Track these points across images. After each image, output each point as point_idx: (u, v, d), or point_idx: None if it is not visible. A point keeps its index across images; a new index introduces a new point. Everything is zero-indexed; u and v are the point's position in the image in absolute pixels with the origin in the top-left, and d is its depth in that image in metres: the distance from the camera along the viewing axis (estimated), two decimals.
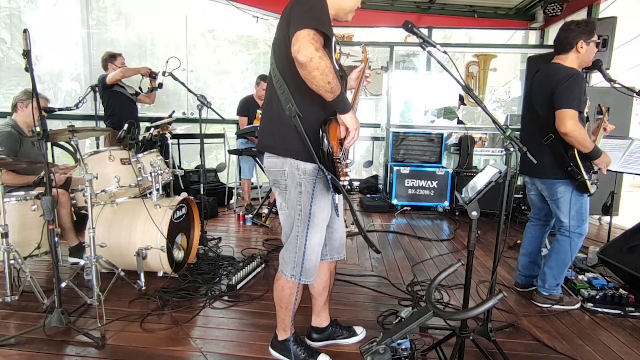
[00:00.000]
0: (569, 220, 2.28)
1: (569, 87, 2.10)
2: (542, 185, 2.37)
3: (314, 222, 1.56)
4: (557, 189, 2.28)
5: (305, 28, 1.31)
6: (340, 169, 1.47)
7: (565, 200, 2.27)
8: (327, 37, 1.38)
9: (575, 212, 2.27)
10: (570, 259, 2.33)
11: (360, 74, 1.79)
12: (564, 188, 2.26)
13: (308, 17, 1.33)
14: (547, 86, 2.19)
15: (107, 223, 2.58)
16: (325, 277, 1.83)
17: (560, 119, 2.10)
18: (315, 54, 1.29)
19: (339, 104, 1.41)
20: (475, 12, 6.32)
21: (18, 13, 4.48)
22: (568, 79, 2.12)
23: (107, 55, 3.83)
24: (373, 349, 1.36)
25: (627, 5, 4.80)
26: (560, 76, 2.14)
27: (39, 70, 4.39)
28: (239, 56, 6.48)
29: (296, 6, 1.39)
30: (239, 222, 4.25)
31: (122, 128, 2.80)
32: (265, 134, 1.62)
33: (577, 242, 2.30)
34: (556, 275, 2.35)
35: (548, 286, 2.37)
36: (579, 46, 2.19)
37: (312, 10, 1.36)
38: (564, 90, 2.11)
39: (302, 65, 1.31)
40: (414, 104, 6.11)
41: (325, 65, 1.30)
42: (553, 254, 2.35)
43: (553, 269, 2.35)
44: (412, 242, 3.67)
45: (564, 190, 2.26)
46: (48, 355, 1.80)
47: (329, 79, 1.33)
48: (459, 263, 1.55)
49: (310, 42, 1.29)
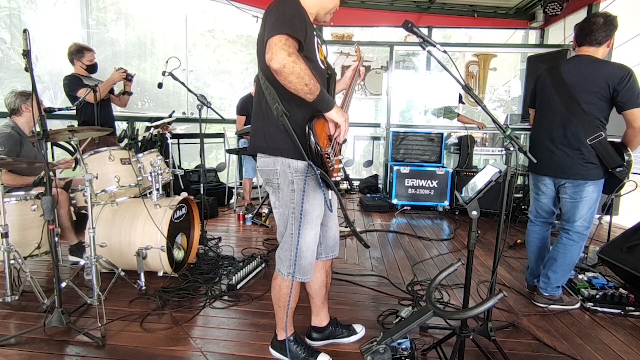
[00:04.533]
0: (582, 221, 2.24)
1: (632, 84, 2.02)
2: (569, 184, 2.24)
3: (307, 219, 1.57)
4: (586, 188, 2.19)
5: (276, 35, 1.33)
6: (330, 164, 1.47)
7: (589, 201, 2.20)
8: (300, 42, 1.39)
9: (590, 214, 2.23)
10: (575, 262, 2.31)
11: (354, 72, 1.85)
12: (593, 189, 2.18)
13: (279, 24, 1.35)
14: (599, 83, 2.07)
15: (107, 223, 2.58)
16: (322, 275, 1.84)
17: (633, 119, 2.04)
18: (287, 59, 1.30)
19: (321, 103, 1.42)
20: (475, 11, 6.32)
21: (18, 13, 4.47)
22: (629, 76, 2.02)
23: (74, 48, 3.39)
24: (373, 348, 1.37)
25: (626, 4, 4.80)
26: (617, 74, 2.04)
27: (38, 70, 4.40)
28: (239, 56, 6.49)
29: (269, 14, 1.42)
30: (239, 221, 4.25)
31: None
32: (256, 135, 1.63)
33: (582, 245, 2.28)
34: (560, 279, 2.32)
35: (551, 289, 2.35)
36: (611, 41, 2.15)
37: (282, 16, 1.37)
38: (626, 89, 2.02)
39: (277, 72, 1.33)
40: (414, 104, 6.11)
41: (299, 68, 1.31)
42: (559, 258, 2.29)
43: (557, 273, 2.30)
44: (412, 242, 3.67)
45: (591, 191, 2.18)
46: (48, 355, 1.80)
47: (306, 81, 1.34)
48: (459, 263, 1.55)
49: (282, 49, 1.30)
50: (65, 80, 3.33)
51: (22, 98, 2.78)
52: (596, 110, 2.11)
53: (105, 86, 3.37)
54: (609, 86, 2.06)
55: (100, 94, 3.20)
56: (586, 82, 2.12)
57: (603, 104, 2.11)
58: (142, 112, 5.20)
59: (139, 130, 4.41)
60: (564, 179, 2.25)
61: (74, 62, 3.42)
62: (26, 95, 2.79)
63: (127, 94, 3.70)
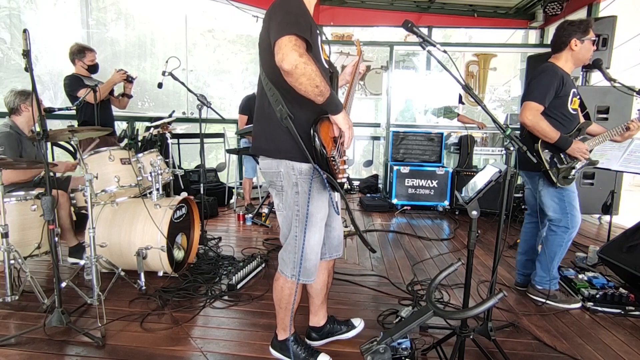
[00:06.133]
0: (553, 212, 2.33)
1: (538, 80, 2.19)
2: (526, 178, 2.46)
3: (312, 221, 1.56)
4: (537, 181, 2.35)
5: (285, 35, 1.29)
6: (335, 167, 1.47)
7: (547, 193, 2.34)
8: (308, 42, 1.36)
9: (559, 206, 2.31)
10: (557, 253, 2.35)
11: (354, 68, 1.81)
12: (543, 181, 2.33)
13: (286, 24, 1.32)
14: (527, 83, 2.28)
15: (107, 223, 2.58)
16: (324, 276, 1.83)
17: (522, 110, 2.20)
18: (299, 60, 1.27)
19: (330, 105, 1.40)
20: (475, 11, 6.33)
21: (18, 13, 4.48)
22: (539, 73, 2.21)
23: (75, 48, 3.40)
24: (373, 348, 1.37)
25: (626, 4, 4.80)
26: (535, 72, 2.24)
27: (38, 70, 4.40)
28: (239, 56, 6.49)
29: (273, 14, 1.38)
30: (239, 221, 4.25)
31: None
32: (258, 137, 1.62)
33: (563, 236, 2.33)
34: (545, 269, 2.39)
35: (538, 279, 2.41)
36: (572, 44, 2.22)
37: (288, 15, 1.34)
38: (531, 83, 2.21)
39: (288, 73, 1.30)
40: (414, 104, 6.11)
41: (311, 70, 1.29)
42: (543, 248, 2.41)
43: (542, 262, 2.40)
44: (412, 242, 3.67)
45: (542, 183, 2.33)
46: (48, 355, 1.80)
47: (317, 82, 1.32)
48: (459, 262, 1.55)
49: (293, 49, 1.28)
50: (65, 80, 3.33)
51: (22, 97, 2.77)
52: None
53: (105, 87, 3.36)
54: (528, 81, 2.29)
55: (100, 94, 3.19)
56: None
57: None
58: (142, 112, 5.20)
59: (139, 130, 4.41)
60: (522, 171, 2.44)
61: (75, 62, 3.42)
62: (25, 94, 2.78)
63: (126, 96, 3.67)
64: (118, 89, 3.71)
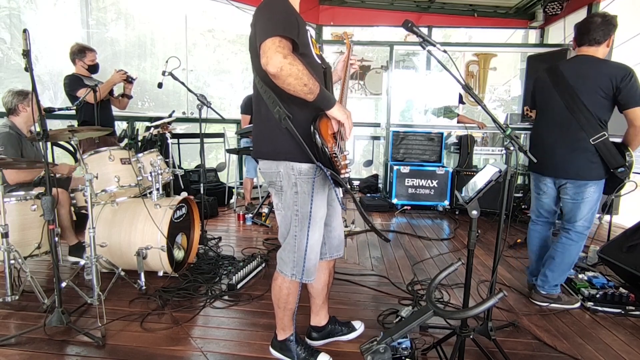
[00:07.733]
0: (583, 221, 2.24)
1: (634, 84, 2.02)
2: (570, 185, 2.23)
3: (311, 221, 1.56)
4: (587, 189, 2.18)
5: (269, 37, 1.30)
6: (338, 163, 1.47)
7: (590, 202, 2.20)
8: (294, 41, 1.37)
9: (591, 214, 2.22)
10: (574, 262, 2.31)
11: (344, 63, 1.80)
12: (594, 189, 2.18)
13: (270, 25, 1.32)
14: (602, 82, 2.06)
15: (107, 223, 2.58)
16: (325, 276, 1.83)
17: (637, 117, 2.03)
18: (284, 61, 1.28)
19: (322, 101, 1.41)
20: (475, 11, 6.32)
21: (18, 13, 4.47)
22: (630, 76, 2.02)
23: (76, 48, 3.40)
24: (373, 348, 1.36)
25: (626, 4, 4.80)
26: (619, 73, 2.04)
27: (38, 70, 4.39)
28: (239, 56, 6.49)
29: (258, 17, 1.39)
30: (239, 221, 4.25)
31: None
32: (258, 140, 1.62)
33: (582, 244, 2.28)
34: (557, 278, 2.33)
35: (548, 287, 2.36)
36: (610, 40, 2.14)
37: (272, 17, 1.35)
38: (630, 88, 2.02)
39: (275, 76, 1.31)
40: (414, 104, 6.11)
41: (297, 69, 1.30)
42: (557, 257, 2.29)
43: (555, 272, 2.31)
44: (412, 242, 3.67)
45: (593, 192, 2.18)
46: (48, 355, 1.80)
47: (305, 81, 1.32)
48: (459, 262, 1.55)
49: (276, 52, 1.28)
50: (66, 79, 3.32)
51: (19, 97, 2.76)
52: (599, 109, 2.10)
53: (105, 87, 3.35)
54: (612, 84, 2.05)
55: (100, 94, 3.19)
56: (588, 82, 2.11)
57: (606, 102, 2.10)
58: (142, 112, 5.20)
59: (139, 130, 4.41)
60: (565, 179, 2.24)
61: (75, 61, 3.41)
62: (23, 94, 2.78)
63: (126, 97, 3.66)
64: (118, 90, 3.70)
